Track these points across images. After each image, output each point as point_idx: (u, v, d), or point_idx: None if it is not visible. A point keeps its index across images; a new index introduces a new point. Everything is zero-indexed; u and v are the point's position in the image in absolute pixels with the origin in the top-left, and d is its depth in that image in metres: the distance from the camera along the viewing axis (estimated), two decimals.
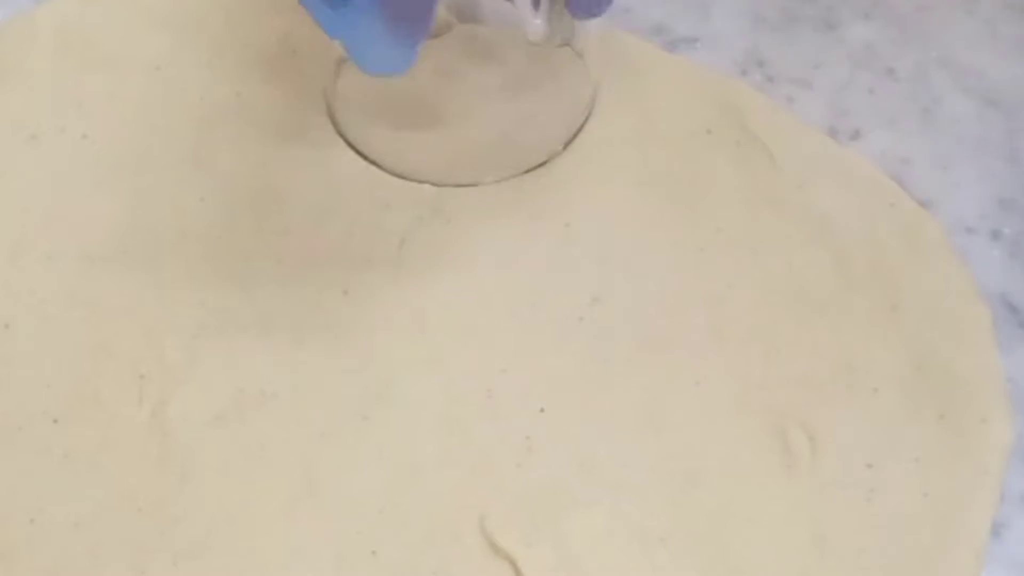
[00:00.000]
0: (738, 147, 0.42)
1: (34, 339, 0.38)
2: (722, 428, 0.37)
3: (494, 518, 0.35)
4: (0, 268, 0.39)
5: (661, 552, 0.35)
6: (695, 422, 0.37)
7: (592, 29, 0.41)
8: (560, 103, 0.42)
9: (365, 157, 0.41)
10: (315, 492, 0.35)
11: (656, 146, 0.42)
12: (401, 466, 0.36)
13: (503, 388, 0.37)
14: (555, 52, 0.40)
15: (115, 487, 0.35)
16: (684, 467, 0.36)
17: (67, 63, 0.44)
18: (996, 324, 0.39)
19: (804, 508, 0.36)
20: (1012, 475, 0.37)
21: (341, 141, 0.42)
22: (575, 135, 0.42)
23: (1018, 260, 0.42)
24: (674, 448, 0.36)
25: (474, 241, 0.40)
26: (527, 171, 0.41)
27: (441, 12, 0.40)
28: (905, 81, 0.46)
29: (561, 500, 0.35)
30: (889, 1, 0.48)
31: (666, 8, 0.47)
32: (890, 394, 0.38)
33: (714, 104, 0.43)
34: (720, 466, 0.36)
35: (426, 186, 0.41)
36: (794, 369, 0.38)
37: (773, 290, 0.40)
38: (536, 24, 0.39)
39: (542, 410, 0.37)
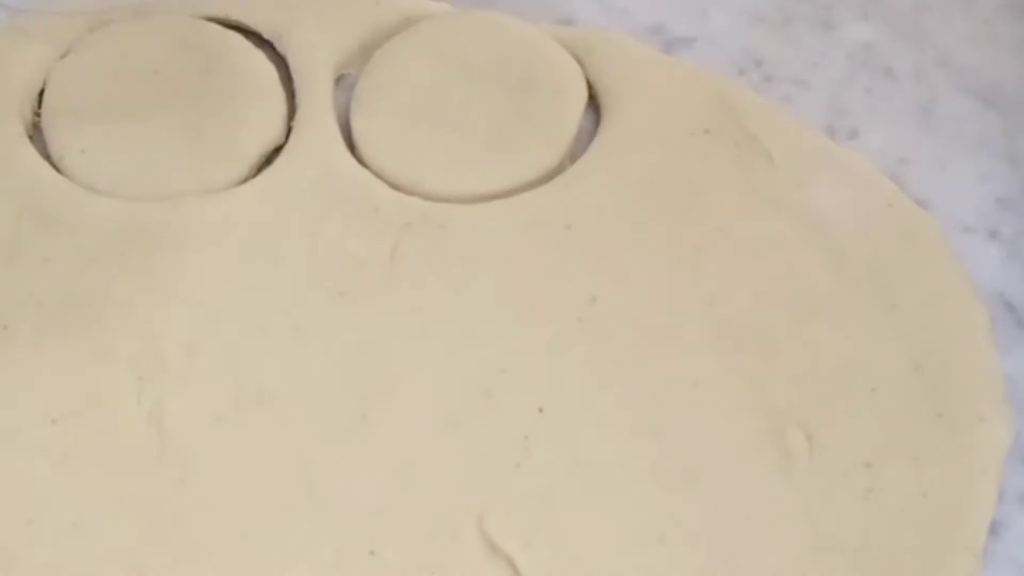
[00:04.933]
0: (736, 147, 0.43)
1: (32, 340, 0.38)
2: (720, 427, 0.37)
3: (493, 518, 0.35)
4: None
5: (660, 552, 0.35)
6: (693, 422, 0.37)
7: None
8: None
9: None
10: (314, 492, 0.35)
11: (654, 146, 0.42)
12: (399, 466, 0.36)
13: (502, 388, 0.37)
14: None
15: (114, 488, 0.35)
16: (682, 467, 0.36)
17: None
18: (994, 323, 0.39)
19: (802, 507, 0.36)
20: (1011, 474, 0.37)
21: None
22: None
23: (1016, 259, 0.42)
24: (672, 448, 0.36)
25: (473, 241, 0.40)
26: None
27: None
28: (903, 80, 0.46)
29: (560, 500, 0.35)
30: (887, 1, 0.48)
31: (663, 8, 0.48)
32: (888, 393, 0.38)
33: (712, 104, 0.43)
34: (718, 465, 0.36)
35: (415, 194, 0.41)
36: (792, 369, 0.38)
37: (771, 289, 0.40)
38: None
39: (541, 410, 0.37)
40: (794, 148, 0.43)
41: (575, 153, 0.43)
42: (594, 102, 0.44)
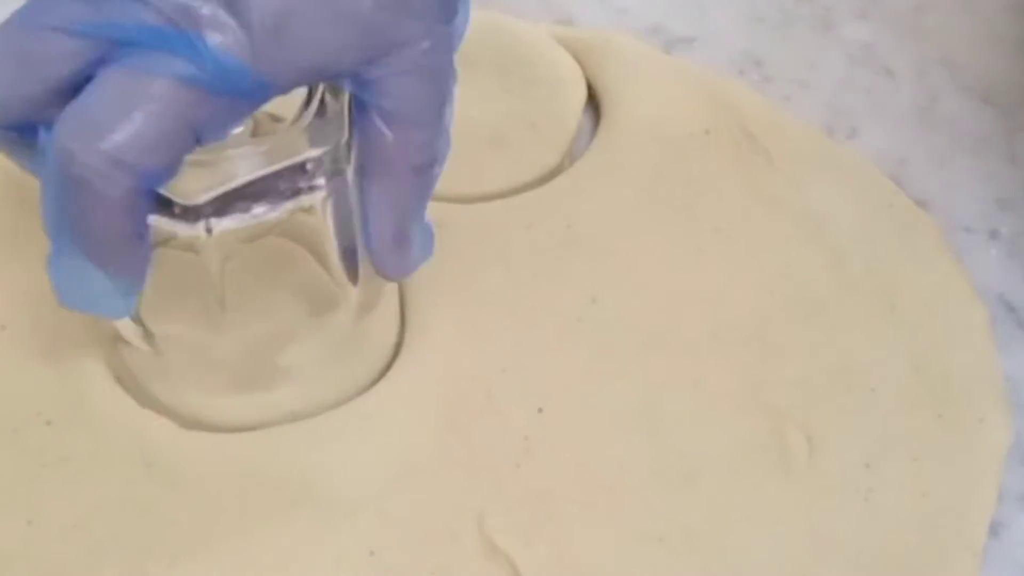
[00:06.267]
0: (736, 147, 0.43)
1: (29, 341, 0.38)
2: (720, 428, 0.37)
3: (493, 518, 0.35)
4: None
5: (659, 552, 0.35)
6: (693, 422, 0.37)
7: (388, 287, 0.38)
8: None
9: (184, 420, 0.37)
10: (313, 492, 0.35)
11: (654, 146, 0.42)
12: (400, 466, 0.36)
13: (502, 388, 0.37)
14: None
15: (112, 488, 0.35)
16: (682, 467, 0.36)
17: None
18: (994, 323, 0.39)
19: (802, 508, 0.36)
20: (1010, 474, 0.37)
21: None
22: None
23: (1016, 259, 0.42)
24: (672, 448, 0.36)
25: (473, 241, 0.40)
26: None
27: None
28: (903, 80, 0.46)
29: (560, 500, 0.35)
30: (887, 1, 0.48)
31: (663, 8, 0.48)
32: (888, 394, 0.38)
33: (712, 104, 0.43)
34: (718, 466, 0.36)
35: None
36: (792, 369, 0.38)
37: (771, 290, 0.40)
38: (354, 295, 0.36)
39: (541, 410, 0.37)
40: (794, 148, 0.43)
41: (575, 153, 0.43)
42: (594, 102, 0.44)
